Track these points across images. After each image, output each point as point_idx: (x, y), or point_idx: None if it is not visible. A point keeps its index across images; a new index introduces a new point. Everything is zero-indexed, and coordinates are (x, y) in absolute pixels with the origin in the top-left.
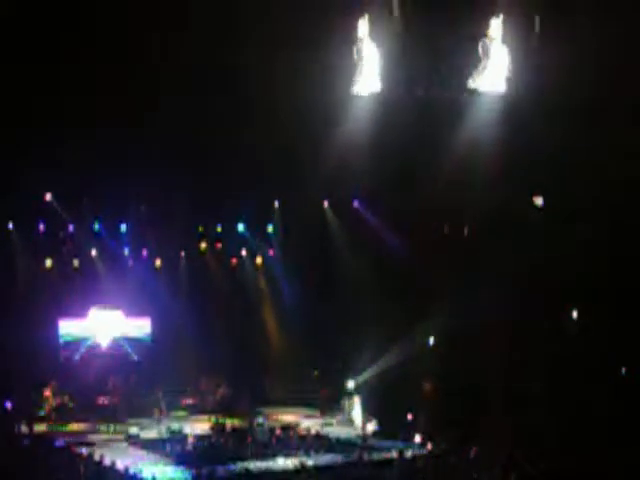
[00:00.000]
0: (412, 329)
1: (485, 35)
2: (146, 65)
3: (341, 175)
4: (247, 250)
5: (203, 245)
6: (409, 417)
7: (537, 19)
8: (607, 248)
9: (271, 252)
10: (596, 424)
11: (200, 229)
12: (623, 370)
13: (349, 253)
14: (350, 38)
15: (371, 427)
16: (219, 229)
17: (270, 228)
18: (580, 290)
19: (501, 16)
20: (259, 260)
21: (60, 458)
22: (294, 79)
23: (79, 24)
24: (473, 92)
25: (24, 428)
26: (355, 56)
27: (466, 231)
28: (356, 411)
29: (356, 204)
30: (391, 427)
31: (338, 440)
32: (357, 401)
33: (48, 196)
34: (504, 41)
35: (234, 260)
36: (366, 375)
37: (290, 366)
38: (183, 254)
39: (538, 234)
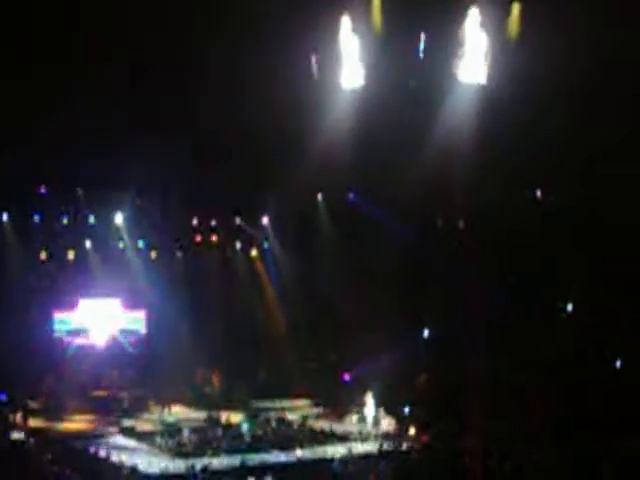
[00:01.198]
0: (407, 322)
1: (464, 23)
2: (146, 65)
3: (335, 168)
4: (242, 242)
5: (198, 237)
6: (405, 410)
7: (516, 7)
8: (603, 240)
9: (266, 244)
10: (590, 416)
11: (195, 221)
12: (618, 363)
13: (343, 246)
14: (334, 33)
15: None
16: (214, 221)
17: (265, 220)
18: (575, 284)
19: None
20: (254, 252)
21: (55, 451)
22: (285, 75)
23: (79, 24)
24: (457, 83)
25: (19, 421)
26: (339, 51)
27: (462, 224)
28: (369, 406)
29: (351, 197)
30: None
31: (333, 433)
32: (370, 396)
33: (42, 188)
34: (482, 27)
35: (229, 252)
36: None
37: (286, 358)
38: (179, 246)
39: (534, 227)
